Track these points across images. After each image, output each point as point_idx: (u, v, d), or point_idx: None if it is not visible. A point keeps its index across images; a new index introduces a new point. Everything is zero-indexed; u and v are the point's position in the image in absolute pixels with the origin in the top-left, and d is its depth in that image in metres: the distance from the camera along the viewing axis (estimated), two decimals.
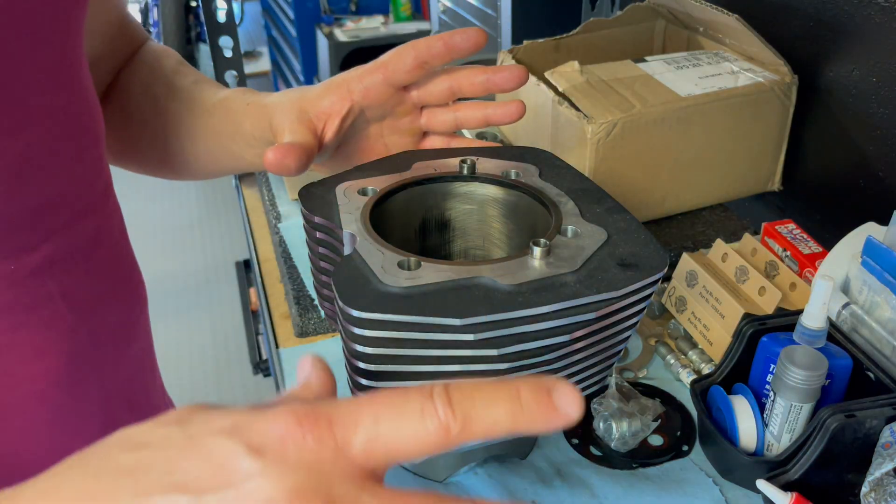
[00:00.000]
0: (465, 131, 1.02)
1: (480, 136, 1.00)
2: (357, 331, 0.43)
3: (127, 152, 0.65)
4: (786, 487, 0.51)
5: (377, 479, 0.27)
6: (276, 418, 0.27)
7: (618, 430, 0.58)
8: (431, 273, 0.45)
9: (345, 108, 0.57)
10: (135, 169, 0.68)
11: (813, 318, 0.53)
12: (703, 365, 0.66)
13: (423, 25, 2.76)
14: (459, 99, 0.61)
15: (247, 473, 0.26)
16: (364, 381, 0.45)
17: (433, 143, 0.63)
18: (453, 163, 0.59)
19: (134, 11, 5.99)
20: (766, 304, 0.65)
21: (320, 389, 0.32)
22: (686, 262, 0.71)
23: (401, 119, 0.60)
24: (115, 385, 0.51)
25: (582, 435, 0.60)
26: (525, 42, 0.97)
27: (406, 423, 0.26)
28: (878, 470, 0.48)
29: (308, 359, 0.33)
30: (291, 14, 2.94)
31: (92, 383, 0.49)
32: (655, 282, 0.47)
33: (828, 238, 0.70)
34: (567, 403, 0.26)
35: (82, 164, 0.46)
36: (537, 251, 0.47)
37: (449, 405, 0.26)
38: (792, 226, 0.75)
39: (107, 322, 0.50)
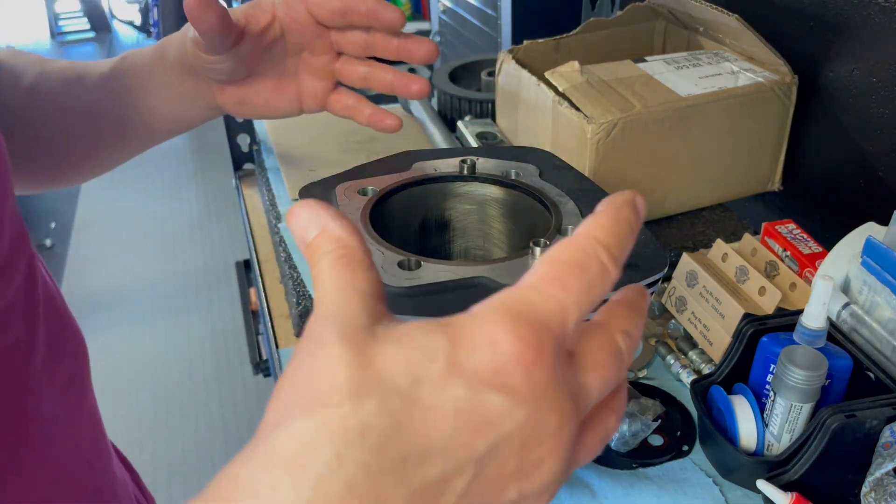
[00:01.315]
0: (465, 132, 1.02)
1: (481, 136, 1.00)
2: None
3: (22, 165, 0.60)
4: (786, 487, 0.51)
5: None
6: (496, 343, 0.24)
7: (618, 431, 0.58)
8: (431, 273, 0.45)
9: (266, 20, 0.57)
10: (47, 182, 0.63)
11: (813, 318, 0.53)
12: (703, 365, 0.66)
13: (423, 25, 2.76)
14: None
15: (511, 417, 0.23)
16: None
17: (342, 98, 0.61)
18: (453, 163, 0.59)
19: (134, 11, 5.99)
20: (766, 304, 0.65)
21: (348, 235, 0.27)
22: (686, 262, 0.71)
23: (317, 56, 0.60)
24: (71, 444, 0.49)
25: None
26: (525, 42, 0.97)
27: (596, 294, 0.26)
28: (878, 470, 0.48)
29: (310, 205, 0.27)
30: None
31: (53, 447, 0.46)
32: (655, 282, 0.47)
33: (828, 238, 0.70)
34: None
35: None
36: (537, 251, 0.47)
37: (614, 262, 0.26)
38: (792, 226, 0.75)
39: (60, 379, 0.48)
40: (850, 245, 0.62)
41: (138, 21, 5.86)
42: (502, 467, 0.24)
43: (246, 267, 2.57)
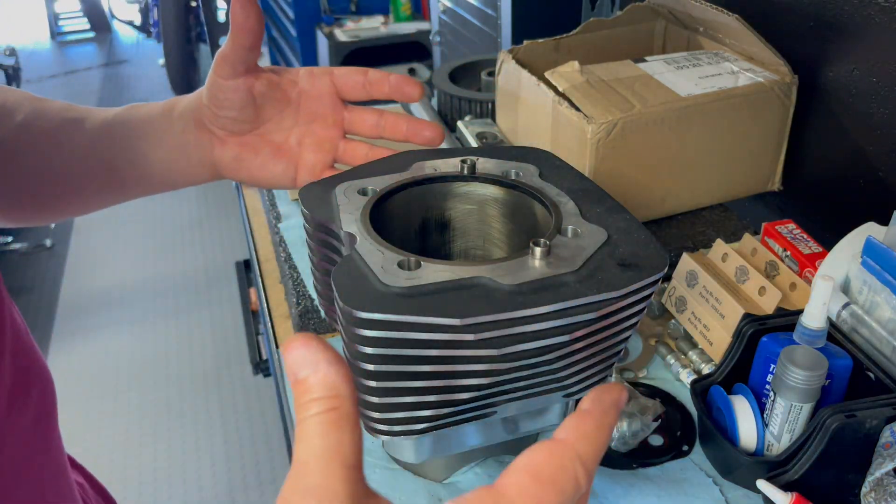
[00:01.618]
0: (465, 132, 1.02)
1: (480, 136, 1.00)
2: (357, 331, 0.43)
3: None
4: (786, 487, 0.51)
5: None
6: None
7: (618, 431, 0.58)
8: (431, 273, 0.45)
9: (289, 77, 0.58)
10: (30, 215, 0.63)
11: (813, 318, 0.53)
12: (703, 365, 0.66)
13: (423, 25, 2.76)
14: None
15: None
16: (365, 382, 0.45)
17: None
18: (453, 163, 0.59)
19: (134, 11, 5.99)
20: (766, 304, 0.65)
21: (342, 383, 0.26)
22: (686, 262, 0.71)
23: (326, 130, 0.61)
24: (37, 489, 0.48)
25: None
26: (525, 42, 0.97)
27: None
28: (878, 470, 0.48)
29: (308, 342, 0.27)
30: (291, 14, 2.94)
31: (15, 494, 0.45)
32: (655, 282, 0.47)
33: (828, 238, 0.70)
34: None
35: None
36: (537, 251, 0.47)
37: (587, 478, 0.28)
38: (792, 226, 0.75)
39: (26, 422, 0.46)
40: (850, 245, 0.62)
41: (138, 21, 5.86)
42: None
43: (246, 267, 2.57)
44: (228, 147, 0.60)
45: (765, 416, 0.56)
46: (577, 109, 0.79)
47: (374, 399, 0.45)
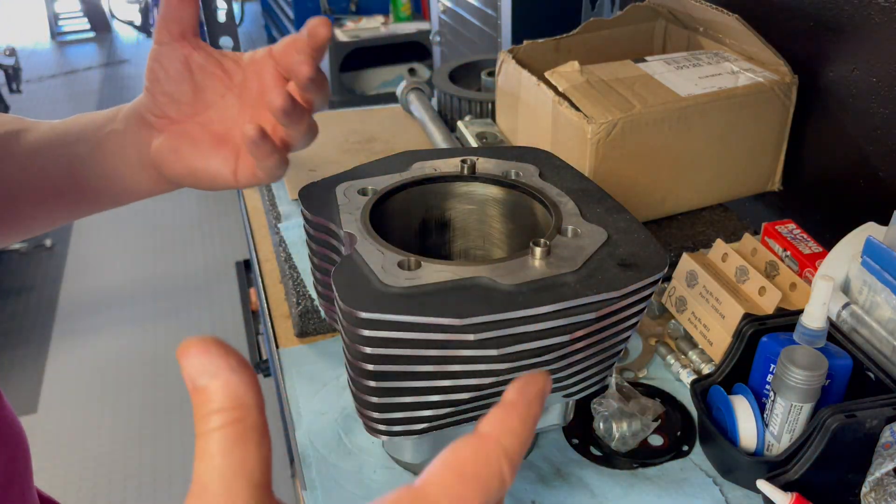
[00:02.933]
0: (465, 132, 1.02)
1: (480, 136, 1.00)
2: (358, 331, 0.43)
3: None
4: (786, 487, 0.51)
5: None
6: None
7: (618, 431, 0.58)
8: (431, 273, 0.45)
9: (232, 56, 0.52)
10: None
11: (813, 318, 0.53)
12: (703, 365, 0.66)
13: (423, 25, 2.76)
14: None
15: None
16: (365, 382, 0.45)
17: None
18: (453, 163, 0.59)
19: (134, 11, 6.00)
20: (766, 304, 0.65)
21: (246, 392, 0.25)
22: (686, 262, 0.71)
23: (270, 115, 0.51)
24: None
25: (582, 435, 0.60)
26: (525, 42, 0.97)
27: None
28: (878, 470, 0.48)
29: (207, 347, 0.24)
30: (291, 14, 2.94)
31: None
32: (655, 282, 0.47)
33: (828, 238, 0.70)
34: None
35: None
36: (537, 251, 0.47)
37: (512, 472, 0.27)
38: (792, 226, 0.75)
39: None
40: (850, 245, 0.63)
41: (138, 21, 5.86)
42: None
43: (246, 267, 2.57)
44: (166, 137, 0.52)
45: (765, 416, 0.56)
46: (577, 109, 0.79)
47: (374, 399, 0.45)
